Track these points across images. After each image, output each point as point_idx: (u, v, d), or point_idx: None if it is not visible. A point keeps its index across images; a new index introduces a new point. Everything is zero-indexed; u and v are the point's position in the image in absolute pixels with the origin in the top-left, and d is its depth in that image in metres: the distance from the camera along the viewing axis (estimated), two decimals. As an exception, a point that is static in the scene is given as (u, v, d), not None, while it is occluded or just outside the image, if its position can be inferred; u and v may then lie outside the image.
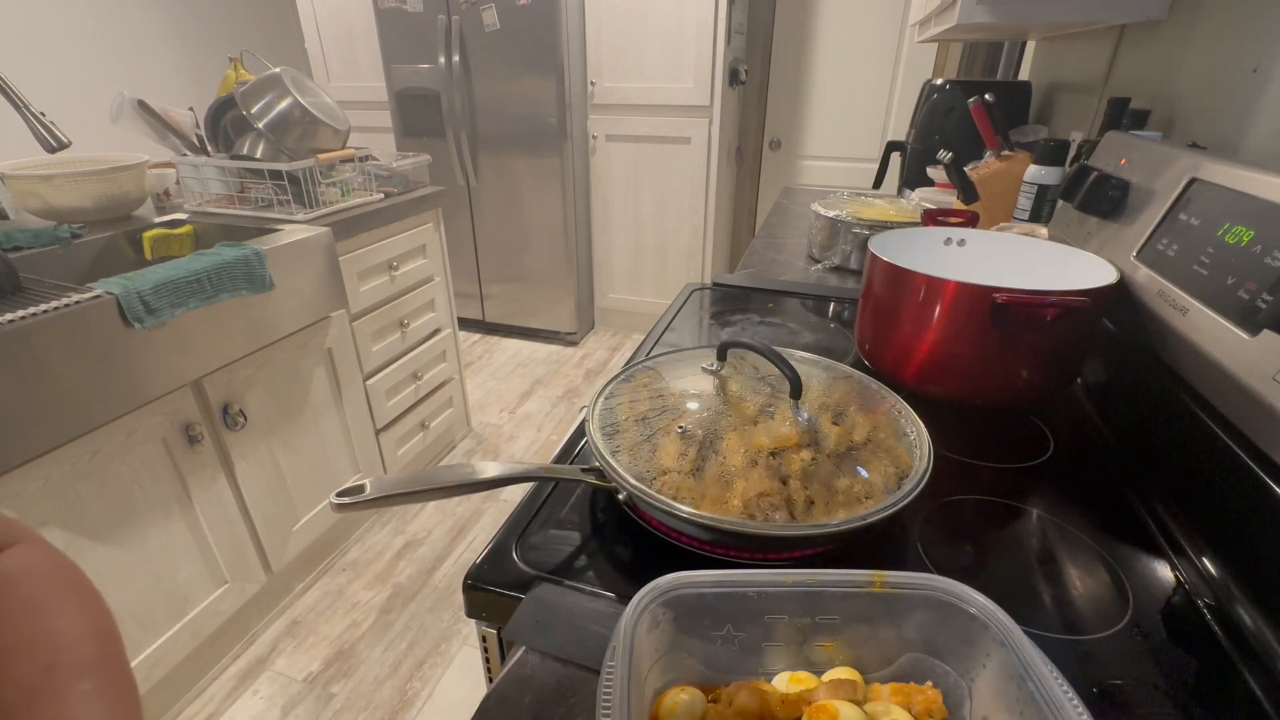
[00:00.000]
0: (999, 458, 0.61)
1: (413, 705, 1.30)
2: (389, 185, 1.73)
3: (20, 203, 1.32)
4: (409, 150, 2.04)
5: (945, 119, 1.46)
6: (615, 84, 2.55)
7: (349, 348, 1.56)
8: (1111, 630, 0.42)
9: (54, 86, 2.31)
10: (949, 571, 0.45)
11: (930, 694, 0.33)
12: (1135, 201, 0.67)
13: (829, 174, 2.96)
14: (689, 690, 0.33)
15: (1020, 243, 0.76)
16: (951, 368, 0.64)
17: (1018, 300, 0.56)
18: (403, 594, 1.57)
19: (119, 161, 1.38)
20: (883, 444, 0.50)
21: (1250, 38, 0.70)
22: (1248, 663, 0.39)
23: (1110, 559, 0.48)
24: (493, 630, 0.49)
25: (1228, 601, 0.43)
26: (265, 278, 1.24)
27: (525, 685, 0.38)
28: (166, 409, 1.13)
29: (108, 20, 2.48)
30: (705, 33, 2.35)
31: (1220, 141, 0.73)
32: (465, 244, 2.85)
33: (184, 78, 2.80)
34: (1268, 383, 0.41)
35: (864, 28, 2.67)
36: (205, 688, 1.33)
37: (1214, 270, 0.50)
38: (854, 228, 1.12)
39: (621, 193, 2.76)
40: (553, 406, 2.42)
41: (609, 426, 0.52)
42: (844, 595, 0.34)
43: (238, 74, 1.56)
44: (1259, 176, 0.49)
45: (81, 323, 0.97)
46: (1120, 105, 0.89)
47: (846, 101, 2.81)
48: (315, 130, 1.48)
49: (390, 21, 2.51)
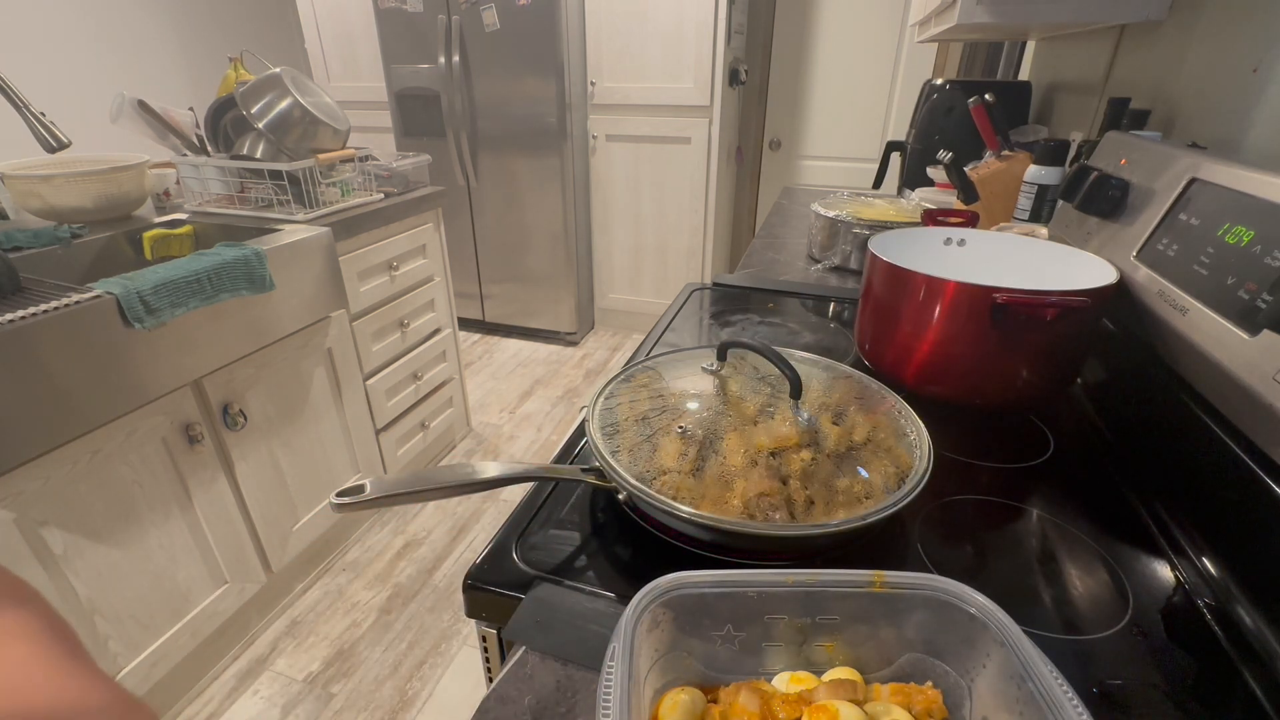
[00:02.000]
0: (999, 458, 0.61)
1: (413, 705, 1.30)
2: (389, 185, 1.73)
3: (20, 203, 1.32)
4: (409, 150, 2.05)
5: (945, 119, 1.46)
6: (615, 84, 2.55)
7: (349, 348, 1.56)
8: (1111, 630, 0.42)
9: (54, 86, 2.31)
10: (949, 571, 0.45)
11: (930, 694, 0.33)
12: (1135, 201, 0.67)
13: (829, 174, 2.96)
14: (689, 690, 0.33)
15: (1020, 243, 0.76)
16: (951, 368, 0.64)
17: (1018, 300, 0.56)
18: (403, 594, 1.57)
19: (119, 161, 1.38)
20: (883, 444, 0.50)
21: (1250, 38, 0.70)
22: (1248, 663, 0.39)
23: (1110, 559, 0.48)
24: (493, 630, 0.49)
25: (1228, 601, 0.43)
26: (265, 278, 1.24)
27: (525, 685, 0.38)
28: (167, 409, 1.13)
29: (108, 20, 2.48)
30: (705, 33, 2.35)
31: (1220, 141, 0.73)
32: (465, 244, 2.85)
33: (184, 78, 2.80)
34: (1268, 383, 0.41)
35: (864, 28, 2.67)
36: (205, 688, 1.33)
37: (1214, 270, 0.50)
38: (854, 228, 1.12)
39: (621, 193, 2.76)
40: (553, 406, 2.42)
41: (609, 426, 0.52)
42: (844, 595, 0.34)
43: (238, 74, 1.56)
44: (1259, 176, 0.49)
45: (81, 323, 0.97)
46: (1120, 105, 0.89)
47: (846, 101, 2.81)
48: (315, 130, 1.48)
49: (390, 21, 2.51)
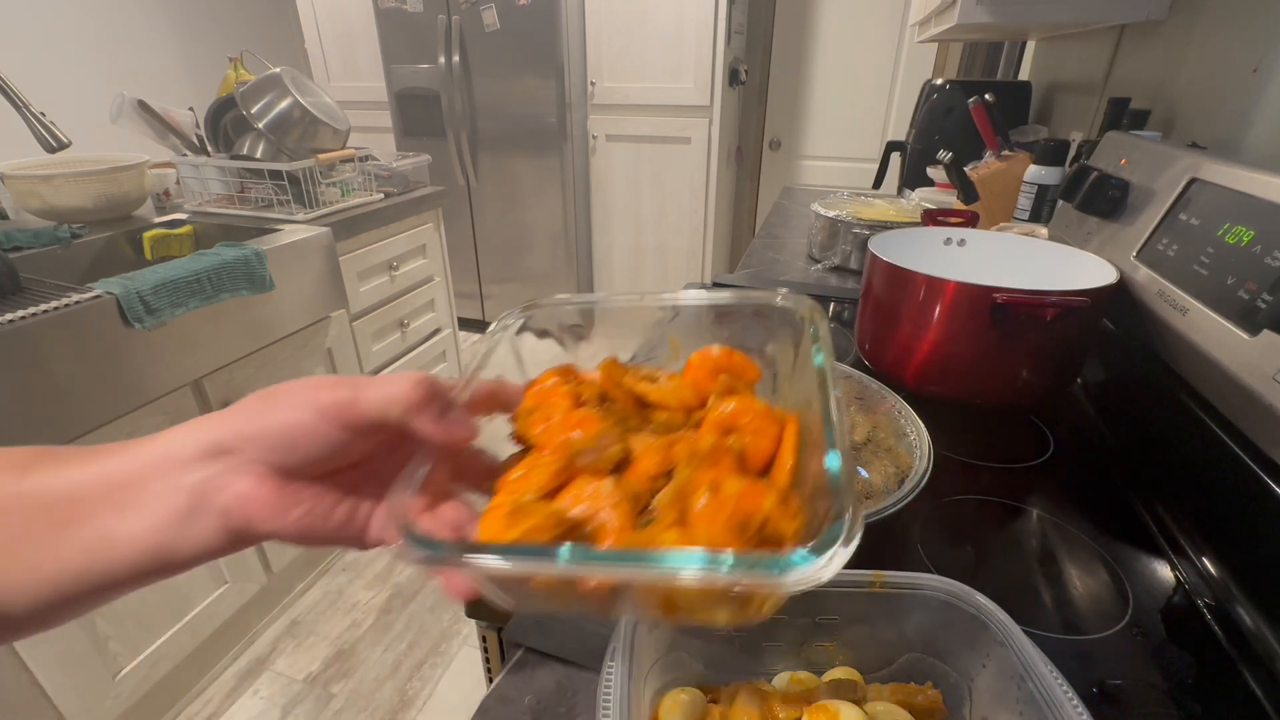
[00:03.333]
0: (999, 458, 0.61)
1: (413, 705, 1.30)
2: (389, 185, 1.73)
3: (20, 203, 1.32)
4: (409, 150, 2.05)
5: (945, 119, 1.46)
6: (615, 84, 2.55)
7: (349, 348, 1.56)
8: (1111, 630, 0.42)
9: (54, 86, 2.31)
10: (949, 571, 0.45)
11: (930, 694, 0.33)
12: (1135, 201, 0.67)
13: (829, 174, 2.96)
14: (689, 690, 0.33)
15: (1020, 243, 0.76)
16: (951, 368, 0.64)
17: (1018, 300, 0.56)
18: (403, 594, 1.57)
19: (119, 161, 1.38)
20: (883, 444, 0.50)
21: (1250, 38, 0.70)
22: (1248, 663, 0.39)
23: (1110, 559, 0.48)
24: (493, 630, 0.49)
25: (1228, 601, 0.43)
26: (265, 278, 1.24)
27: (525, 685, 0.38)
28: (167, 409, 1.13)
29: (108, 20, 2.48)
30: (705, 33, 2.35)
31: (1220, 141, 0.73)
32: (465, 244, 2.85)
33: (184, 78, 2.80)
34: (1268, 383, 0.41)
35: (864, 28, 2.67)
36: (205, 688, 1.33)
37: (1214, 270, 0.50)
38: (854, 228, 1.12)
39: (621, 193, 2.76)
40: (553, 406, 2.41)
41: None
42: (844, 595, 0.34)
43: (238, 74, 1.56)
44: (1259, 176, 0.49)
45: (81, 323, 0.97)
46: (1120, 105, 0.89)
47: (846, 101, 2.81)
48: (315, 130, 1.48)
49: (390, 21, 2.51)
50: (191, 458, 0.26)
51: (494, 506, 0.28)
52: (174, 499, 0.25)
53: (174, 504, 0.25)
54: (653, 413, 0.33)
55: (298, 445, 0.26)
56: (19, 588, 0.23)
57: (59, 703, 1.01)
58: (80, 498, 0.24)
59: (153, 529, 0.24)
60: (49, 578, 0.24)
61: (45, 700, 0.99)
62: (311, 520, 0.27)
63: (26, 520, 0.24)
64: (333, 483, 0.28)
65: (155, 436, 0.26)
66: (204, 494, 0.25)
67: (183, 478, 0.25)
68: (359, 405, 0.26)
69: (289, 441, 0.26)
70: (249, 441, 0.26)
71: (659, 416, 0.33)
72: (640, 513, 0.28)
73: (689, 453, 0.28)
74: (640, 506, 0.28)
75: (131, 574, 0.25)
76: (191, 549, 0.25)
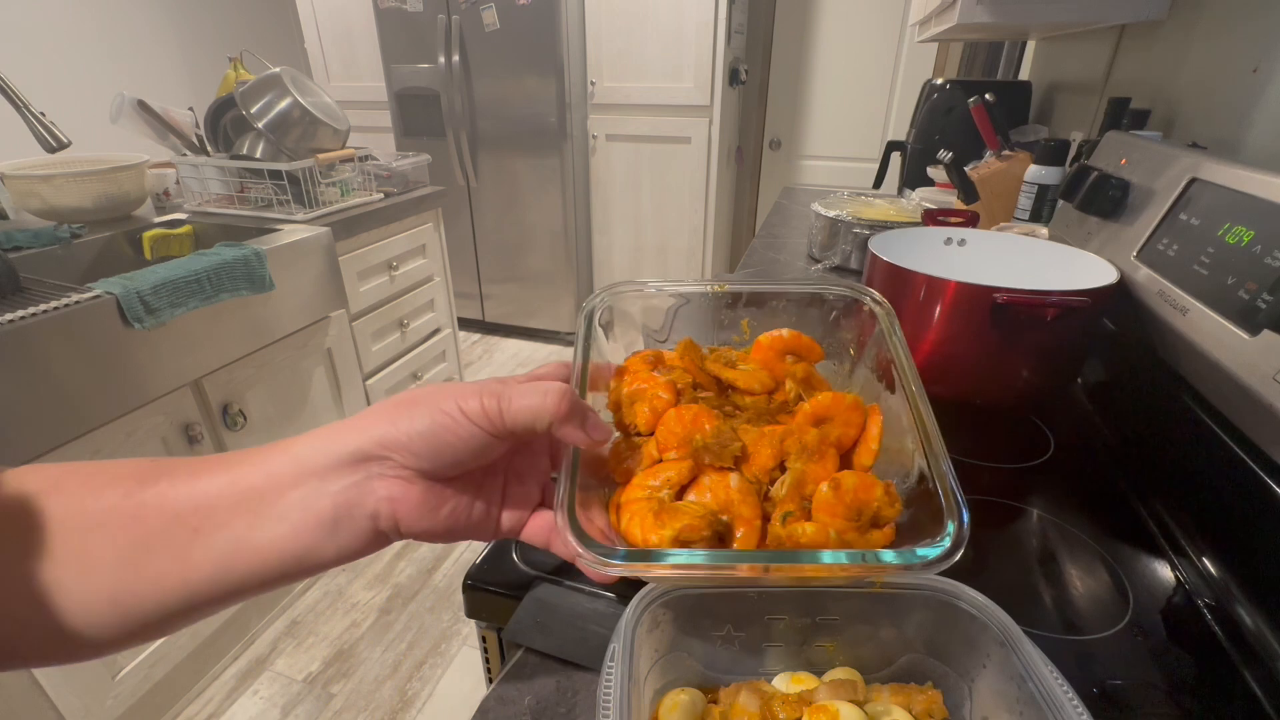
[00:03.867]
0: (999, 458, 0.61)
1: (413, 705, 1.30)
2: (389, 185, 1.73)
3: (20, 203, 1.32)
4: (409, 150, 2.04)
5: (945, 119, 1.46)
6: (615, 84, 2.55)
7: (349, 347, 1.56)
8: (1111, 630, 0.42)
9: (54, 86, 2.31)
10: (949, 571, 0.45)
11: (930, 694, 0.33)
12: (1135, 201, 0.66)
13: (829, 174, 2.96)
14: (689, 691, 0.33)
15: (1020, 243, 0.76)
16: (951, 368, 0.64)
17: (1018, 300, 0.56)
18: (402, 594, 1.57)
19: (119, 161, 1.38)
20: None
21: (1250, 38, 0.70)
22: (1248, 663, 0.39)
23: (1110, 559, 0.48)
24: (493, 630, 0.49)
25: (1228, 601, 0.43)
26: (265, 278, 1.24)
27: (525, 685, 0.38)
28: (166, 409, 1.13)
29: (108, 20, 2.48)
30: (705, 33, 2.35)
31: (1220, 141, 0.73)
32: (465, 244, 2.85)
33: (184, 78, 2.80)
34: (1268, 383, 0.41)
35: (864, 28, 2.67)
36: (205, 688, 1.33)
37: (1214, 270, 0.50)
38: (854, 228, 1.12)
39: (621, 192, 2.76)
40: (553, 406, 2.41)
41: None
42: (844, 595, 0.34)
43: (237, 74, 1.56)
44: (1259, 176, 0.49)
45: (81, 323, 0.97)
46: (1120, 105, 0.89)
47: (846, 101, 2.81)
48: (315, 130, 1.48)
49: (390, 21, 2.51)
50: (332, 466, 0.26)
51: (629, 501, 0.32)
52: (318, 505, 0.26)
53: (319, 510, 0.26)
54: (736, 395, 0.39)
55: (443, 450, 0.28)
56: (145, 594, 0.24)
57: (59, 703, 1.01)
58: (211, 507, 0.25)
59: (293, 534, 0.26)
60: (177, 585, 0.24)
61: (45, 700, 0.99)
62: (456, 518, 0.29)
63: (150, 530, 0.24)
64: (468, 480, 0.30)
65: (284, 445, 0.27)
66: (351, 500, 0.26)
67: (326, 485, 0.26)
68: (507, 415, 0.28)
69: (435, 447, 0.27)
70: (395, 448, 0.27)
71: (743, 400, 0.38)
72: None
73: (798, 447, 0.34)
74: (761, 496, 0.33)
75: (268, 577, 0.26)
76: (335, 551, 0.27)
